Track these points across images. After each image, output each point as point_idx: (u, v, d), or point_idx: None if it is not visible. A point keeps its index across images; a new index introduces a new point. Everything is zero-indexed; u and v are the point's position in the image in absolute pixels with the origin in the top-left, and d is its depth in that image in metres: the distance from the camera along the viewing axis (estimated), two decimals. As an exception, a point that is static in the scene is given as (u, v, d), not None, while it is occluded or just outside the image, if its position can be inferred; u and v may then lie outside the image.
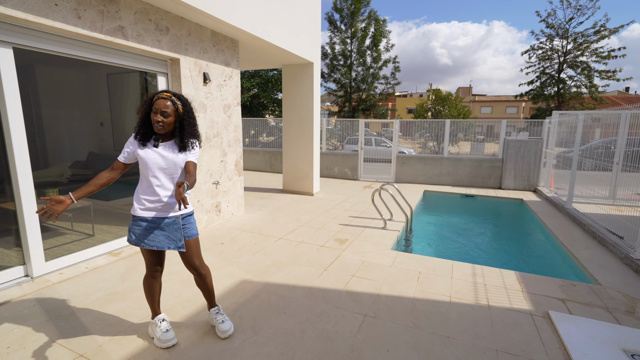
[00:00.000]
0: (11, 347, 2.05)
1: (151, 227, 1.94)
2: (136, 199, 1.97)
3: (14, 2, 2.46)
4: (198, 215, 4.38)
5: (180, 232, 1.98)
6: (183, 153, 1.96)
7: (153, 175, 1.92)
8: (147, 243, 1.93)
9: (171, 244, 1.96)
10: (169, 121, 1.88)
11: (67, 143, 6.10)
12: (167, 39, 3.74)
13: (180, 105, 1.92)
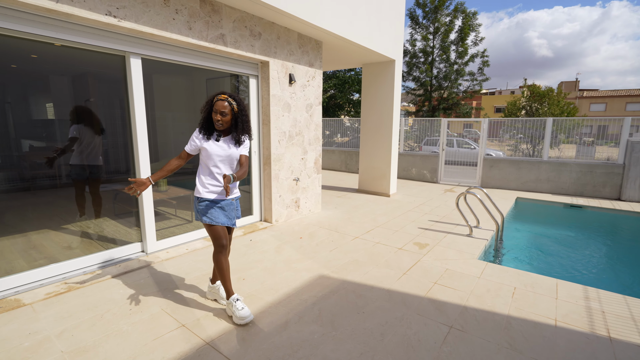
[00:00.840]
0: (133, 309, 2.42)
1: (214, 207, 2.25)
2: (200, 184, 2.27)
3: (145, 19, 2.91)
4: (279, 209, 4.61)
5: (234, 212, 2.36)
6: (238, 147, 2.29)
7: (214, 164, 2.24)
8: (211, 219, 2.23)
9: (228, 222, 2.30)
10: (227, 119, 2.20)
11: (172, 140, 7.05)
12: (259, 44, 4.02)
13: (235, 104, 2.21)
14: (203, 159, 2.28)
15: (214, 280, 2.56)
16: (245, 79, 4.35)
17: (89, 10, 2.57)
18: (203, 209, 2.25)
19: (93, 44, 2.80)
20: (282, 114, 4.46)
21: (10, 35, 2.46)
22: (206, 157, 2.25)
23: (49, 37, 2.59)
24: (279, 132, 4.46)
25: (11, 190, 6.19)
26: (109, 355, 1.94)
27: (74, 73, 7.55)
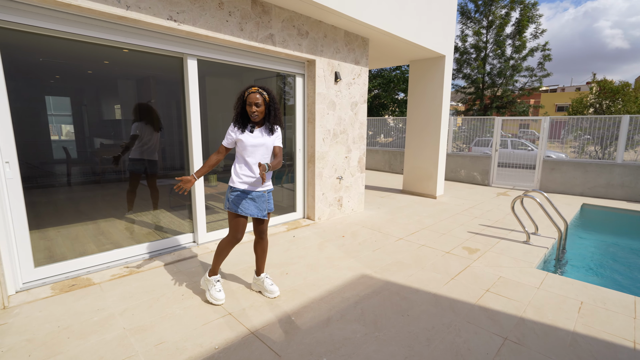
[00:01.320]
0: (185, 294, 2.57)
1: (245, 197, 2.33)
2: (235, 174, 2.37)
3: (201, 22, 3.08)
4: (322, 207, 4.63)
5: (266, 204, 2.41)
6: (272, 136, 2.38)
7: (249, 155, 2.33)
8: (241, 210, 2.31)
9: (258, 213, 2.36)
10: (261, 110, 2.30)
11: (222, 138, 7.41)
12: (307, 42, 4.06)
13: (266, 95, 2.31)
14: (239, 150, 2.38)
15: (258, 273, 2.64)
16: (291, 78, 4.42)
17: (153, 16, 2.78)
18: (234, 199, 2.33)
19: (156, 47, 3.02)
20: (327, 112, 4.47)
21: (88, 42, 2.73)
22: (242, 148, 2.34)
23: (120, 42, 2.84)
24: (324, 130, 4.47)
25: (85, 183, 6.92)
26: (163, 335, 2.08)
27: (138, 77, 8.25)
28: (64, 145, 8.24)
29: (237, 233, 2.37)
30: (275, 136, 2.41)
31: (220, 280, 2.54)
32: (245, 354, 1.92)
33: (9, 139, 2.42)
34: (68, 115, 10.43)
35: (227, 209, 2.37)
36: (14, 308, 2.34)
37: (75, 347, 1.94)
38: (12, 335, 2.04)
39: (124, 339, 2.03)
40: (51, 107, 9.99)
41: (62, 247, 3.28)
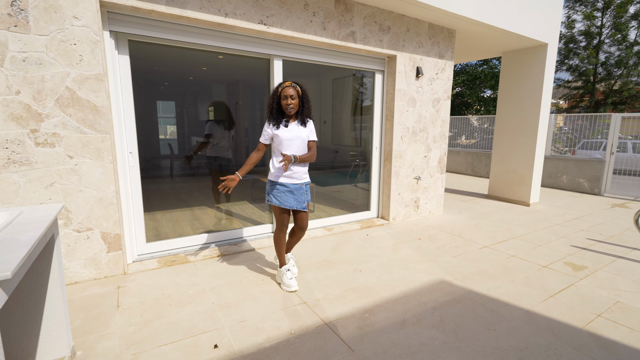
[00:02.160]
0: (264, 280, 2.74)
1: (284, 190, 2.43)
2: (273, 168, 2.46)
3: (288, 24, 3.25)
4: (397, 207, 4.48)
5: (304, 196, 2.49)
6: (305, 128, 2.46)
7: (285, 148, 2.42)
8: (281, 202, 2.43)
9: (298, 205, 2.45)
10: (296, 102, 2.39)
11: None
12: (388, 38, 3.97)
13: (299, 88, 2.41)
14: (275, 145, 2.48)
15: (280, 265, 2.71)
16: (370, 75, 4.37)
17: (246, 21, 3.02)
18: (274, 192, 2.45)
19: (247, 50, 3.28)
20: (406, 109, 4.31)
21: (193, 49, 3.10)
22: (278, 142, 2.44)
23: (218, 47, 3.15)
24: (402, 127, 4.32)
25: (183, 175, 7.91)
26: (245, 314, 2.24)
27: (229, 81, 9.08)
28: (169, 143, 9.53)
29: (282, 222, 2.52)
30: (308, 129, 2.50)
31: (290, 269, 2.66)
32: (319, 343, 1.95)
33: (133, 133, 2.88)
34: (172, 117, 12.02)
35: (268, 202, 2.49)
36: (130, 275, 2.78)
37: (175, 314, 2.22)
38: (129, 296, 2.43)
39: (213, 312, 2.25)
40: (160, 110, 11.63)
41: (166, 228, 3.79)
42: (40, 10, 2.27)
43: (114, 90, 2.74)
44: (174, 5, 2.70)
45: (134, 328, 2.05)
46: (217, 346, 1.90)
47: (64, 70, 2.38)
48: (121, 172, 2.85)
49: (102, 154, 2.57)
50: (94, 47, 2.46)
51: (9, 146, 2.28)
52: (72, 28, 2.38)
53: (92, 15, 2.43)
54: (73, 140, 2.46)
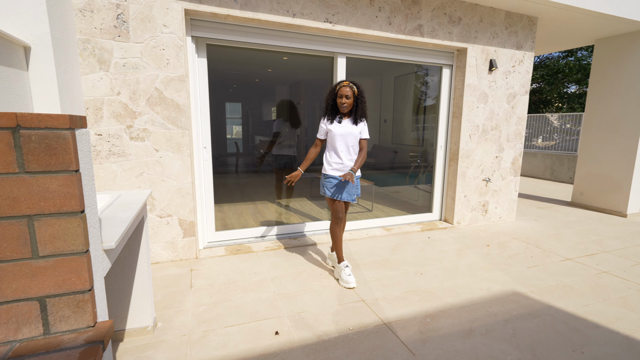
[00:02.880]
0: (322, 274, 2.77)
1: (337, 184, 2.56)
2: (327, 162, 2.62)
3: (353, 21, 3.24)
4: (462, 210, 4.20)
5: (355, 189, 2.61)
6: (357, 126, 2.57)
7: (338, 143, 2.55)
8: (335, 195, 2.56)
9: (348, 197, 2.57)
10: (350, 102, 2.51)
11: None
12: (458, 30, 3.74)
13: (355, 89, 2.52)
14: (329, 140, 2.62)
15: (333, 249, 2.84)
16: (436, 70, 4.16)
17: (313, 20, 3.09)
18: (328, 185, 2.59)
19: (312, 49, 3.35)
20: (476, 105, 4.01)
21: (261, 50, 3.26)
22: (331, 137, 2.58)
23: (285, 47, 3.27)
24: (471, 125, 4.03)
25: (247, 171, 8.38)
26: (304, 305, 2.29)
27: (291, 82, 9.38)
28: (236, 141, 10.17)
29: (338, 214, 2.61)
30: (360, 127, 2.59)
31: (348, 265, 2.65)
32: (378, 342, 1.91)
33: (207, 130, 3.13)
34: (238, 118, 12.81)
35: (322, 194, 2.64)
36: (201, 259, 3.03)
37: (240, 299, 2.36)
38: (200, 279, 2.65)
39: (274, 301, 2.34)
40: (228, 111, 12.47)
41: (232, 219, 4.05)
42: (138, 21, 2.59)
43: (193, 91, 3.01)
44: (247, 9, 2.87)
45: (204, 307, 2.23)
46: (277, 333, 1.97)
47: (154, 73, 2.68)
48: (197, 165, 3.11)
49: (182, 148, 2.84)
50: (179, 52, 2.73)
51: (110, 140, 2.64)
52: (161, 35, 2.66)
53: (178, 23, 2.69)
54: (159, 135, 2.76)
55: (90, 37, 2.50)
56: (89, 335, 0.88)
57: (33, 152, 0.83)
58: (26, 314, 0.85)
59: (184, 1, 2.69)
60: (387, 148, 6.81)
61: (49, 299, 0.87)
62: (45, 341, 0.85)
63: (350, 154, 2.59)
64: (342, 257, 2.69)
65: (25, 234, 0.84)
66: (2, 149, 0.81)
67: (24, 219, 0.84)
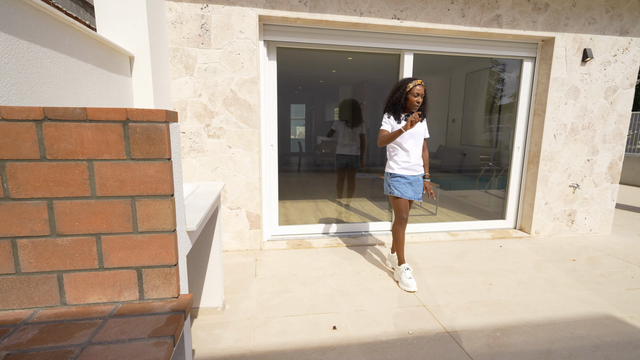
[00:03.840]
0: (381, 275, 2.73)
1: (405, 182, 2.53)
2: (394, 161, 2.56)
3: (422, 16, 3.13)
4: (542, 219, 3.76)
5: (420, 187, 2.59)
6: (422, 124, 2.56)
7: (408, 142, 2.50)
8: (401, 193, 2.52)
9: (415, 196, 2.56)
10: (422, 100, 2.48)
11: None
12: (544, 18, 3.36)
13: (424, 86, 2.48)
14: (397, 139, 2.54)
15: (393, 250, 2.80)
16: (514, 64, 3.78)
17: (380, 18, 3.05)
18: (394, 184, 2.55)
19: (378, 47, 3.32)
20: (564, 102, 3.56)
21: (327, 50, 3.33)
22: (401, 136, 2.51)
23: (350, 46, 3.29)
24: (557, 124, 3.59)
25: (309, 171, 8.63)
26: (362, 304, 2.28)
27: (355, 82, 9.37)
28: (299, 141, 10.53)
29: (401, 213, 2.55)
30: (424, 126, 2.59)
31: (409, 268, 2.57)
32: (440, 351, 1.82)
33: (275, 128, 3.30)
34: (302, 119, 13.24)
35: (388, 193, 2.60)
36: (265, 251, 3.20)
37: (300, 291, 2.44)
38: (264, 269, 2.81)
39: (332, 296, 2.37)
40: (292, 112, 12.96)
41: (294, 215, 4.21)
42: (219, 29, 2.85)
43: (263, 91, 3.20)
44: (315, 11, 2.96)
45: (267, 296, 2.36)
46: (335, 328, 1.99)
47: (229, 76, 2.92)
48: (264, 162, 3.30)
49: (252, 145, 3.04)
50: (252, 55, 2.93)
51: (192, 137, 2.94)
52: (237, 41, 2.89)
53: (253, 29, 2.89)
54: (232, 133, 3.00)
55: (179, 46, 2.82)
56: (173, 304, 1.00)
57: (137, 141, 0.97)
58: (127, 280, 1.00)
59: (258, 8, 2.88)
60: (455, 149, 6.40)
61: (144, 269, 1.01)
62: (140, 305, 0.99)
63: (417, 153, 2.57)
64: (404, 259, 2.62)
65: (129, 212, 0.99)
66: (115, 139, 0.96)
67: (128, 199, 0.98)
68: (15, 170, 0.92)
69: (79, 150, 0.94)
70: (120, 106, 2.17)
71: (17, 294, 0.95)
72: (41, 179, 0.93)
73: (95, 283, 0.98)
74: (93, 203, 0.96)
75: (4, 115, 0.89)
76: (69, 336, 0.84)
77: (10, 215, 0.93)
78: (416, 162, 2.56)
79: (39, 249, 0.95)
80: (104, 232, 0.98)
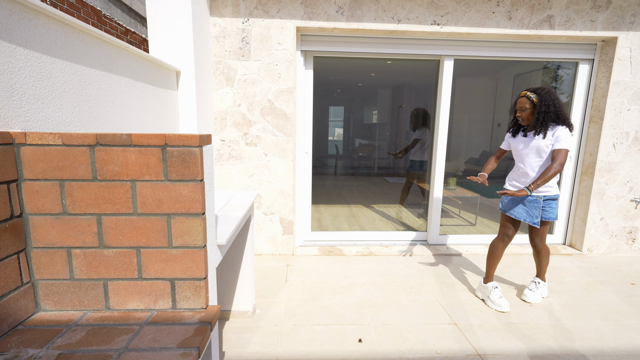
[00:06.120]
0: (412, 288, 2.67)
1: (516, 200, 2.36)
2: (507, 178, 2.49)
3: (464, 20, 3.00)
4: (596, 235, 3.43)
5: (538, 211, 2.30)
6: (544, 138, 2.21)
7: (518, 158, 2.38)
8: (510, 212, 2.38)
9: (527, 218, 2.33)
10: (526, 114, 2.27)
11: (465, 142, 7.03)
12: (605, 17, 3.06)
13: (534, 97, 2.23)
14: (513, 155, 2.45)
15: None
16: (569, 67, 3.48)
17: (419, 24, 2.98)
18: (507, 200, 2.43)
19: (417, 53, 3.24)
20: (626, 108, 3.22)
21: (365, 58, 3.32)
22: (513, 152, 2.43)
23: (387, 54, 3.25)
24: (617, 132, 3.25)
25: (345, 174, 8.63)
26: (390, 317, 2.25)
27: (394, 85, 9.21)
28: (336, 144, 10.58)
29: (504, 229, 2.43)
30: (550, 138, 2.22)
31: (498, 287, 2.46)
32: (469, 375, 1.75)
33: (309, 136, 3.36)
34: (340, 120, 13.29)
35: (500, 209, 2.47)
36: (297, 256, 3.28)
37: (328, 300, 2.47)
38: (295, 274, 2.88)
39: (360, 307, 2.37)
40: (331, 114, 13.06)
41: (327, 220, 4.25)
42: (258, 42, 2.97)
43: (300, 100, 3.27)
44: (352, 20, 2.96)
45: (295, 303, 2.42)
46: (361, 340, 1.99)
47: (267, 86, 3.03)
48: (298, 169, 3.38)
49: (287, 153, 3.13)
50: (289, 66, 3.01)
51: (231, 145, 3.10)
52: (276, 52, 2.98)
53: (291, 40, 2.97)
54: (268, 141, 3.11)
55: (221, 59, 2.98)
56: (202, 315, 1.08)
57: (174, 164, 1.06)
58: (162, 290, 1.10)
59: (296, 20, 2.96)
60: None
61: (177, 281, 1.10)
62: (173, 314, 1.08)
63: (524, 170, 2.32)
64: (492, 277, 2.51)
65: (165, 228, 1.08)
66: (155, 162, 1.06)
67: (165, 216, 1.08)
68: (72, 189, 1.05)
69: (124, 171, 1.05)
70: (167, 119, 2.35)
71: (70, 297, 1.09)
72: (92, 196, 1.05)
73: (135, 291, 1.09)
74: (134, 219, 1.07)
75: (65, 141, 1.02)
76: (110, 340, 0.95)
77: (67, 228, 1.06)
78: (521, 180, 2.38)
79: (89, 258, 1.08)
80: (143, 246, 1.08)
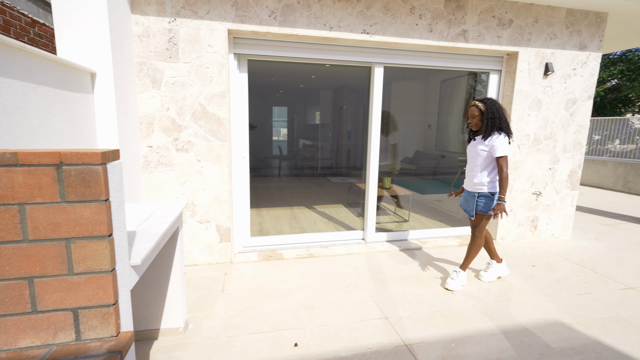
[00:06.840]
0: (348, 287, 2.79)
1: (464, 196, 2.85)
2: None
3: (391, 31, 3.19)
4: (508, 226, 3.91)
5: (471, 205, 2.73)
6: (484, 142, 2.57)
7: (468, 159, 2.75)
8: (461, 205, 2.88)
9: (467, 209, 2.78)
10: (475, 121, 2.62)
11: (400, 142, 7.49)
12: (508, 33, 3.48)
13: (482, 106, 2.56)
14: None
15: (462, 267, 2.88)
16: (484, 76, 3.91)
17: (350, 32, 3.10)
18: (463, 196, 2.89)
19: (349, 60, 3.37)
20: (527, 113, 3.70)
21: (300, 62, 3.36)
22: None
23: (322, 59, 3.33)
24: (520, 134, 3.73)
25: (289, 175, 8.61)
26: (326, 318, 2.33)
27: (335, 87, 9.42)
28: (279, 145, 10.52)
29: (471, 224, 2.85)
30: (488, 144, 2.55)
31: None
32: (396, 365, 1.88)
33: (246, 141, 3.31)
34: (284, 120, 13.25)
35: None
36: (235, 264, 3.21)
37: (265, 306, 2.47)
38: (232, 283, 2.82)
39: (298, 311, 2.41)
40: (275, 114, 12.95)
41: (268, 224, 4.22)
42: (187, 43, 2.83)
43: (234, 104, 3.20)
44: (285, 25, 2.98)
45: (232, 313, 2.38)
46: (297, 345, 2.03)
47: (198, 89, 2.91)
48: (235, 174, 3.31)
49: (221, 158, 3.04)
50: (221, 69, 2.93)
51: (159, 151, 2.92)
52: (206, 55, 2.88)
53: (222, 42, 2.89)
54: (201, 147, 2.99)
55: (145, 60, 2.79)
56: (111, 345, 1.01)
57: (72, 184, 0.98)
58: (62, 322, 1.01)
59: (227, 22, 2.88)
60: (431, 155, 6.55)
61: (81, 310, 1.02)
62: (76, 347, 1.00)
63: (472, 171, 2.70)
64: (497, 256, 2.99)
65: (63, 254, 1.00)
66: (48, 182, 0.96)
67: (63, 241, 0.99)
68: (-59, 217, 0.91)
69: (9, 194, 0.94)
70: (80, 126, 2.14)
71: (-55, 341, 0.95)
72: (-30, 225, 0.93)
73: (28, 326, 0.98)
74: (25, 247, 0.97)
75: None
76: (-5, 386, 0.85)
77: (-63, 262, 0.92)
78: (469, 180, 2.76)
79: (-31, 294, 0.95)
80: (37, 275, 0.98)
